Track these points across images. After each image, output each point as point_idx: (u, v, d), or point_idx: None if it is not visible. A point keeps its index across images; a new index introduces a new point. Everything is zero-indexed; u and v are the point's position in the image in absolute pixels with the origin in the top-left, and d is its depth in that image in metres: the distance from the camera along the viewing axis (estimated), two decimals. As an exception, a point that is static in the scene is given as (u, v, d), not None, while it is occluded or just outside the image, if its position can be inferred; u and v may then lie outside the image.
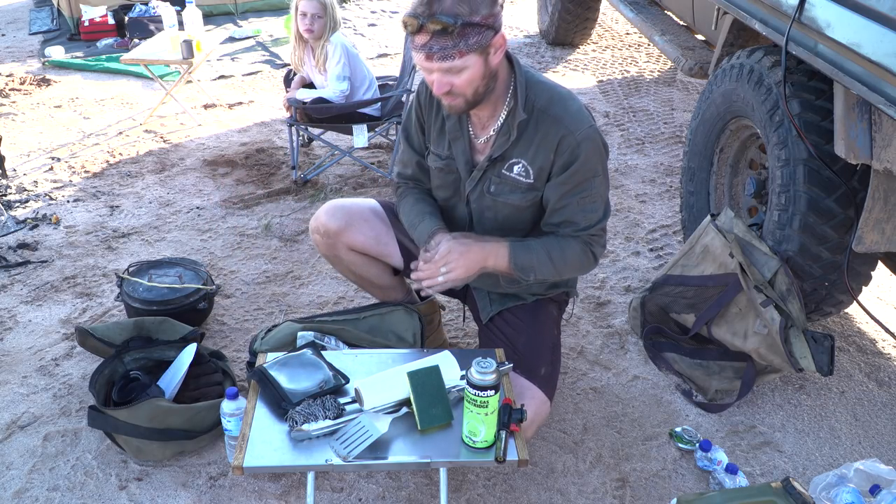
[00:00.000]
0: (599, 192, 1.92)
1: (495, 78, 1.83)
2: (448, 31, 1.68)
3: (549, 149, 1.87)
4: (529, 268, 1.92)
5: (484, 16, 1.69)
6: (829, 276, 2.29)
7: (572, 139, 1.84)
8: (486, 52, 1.74)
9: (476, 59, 1.74)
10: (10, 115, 4.72)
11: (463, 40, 1.69)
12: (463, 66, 1.73)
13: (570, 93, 1.92)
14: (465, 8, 1.68)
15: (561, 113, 1.85)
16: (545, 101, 1.87)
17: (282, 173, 3.95)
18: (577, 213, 1.91)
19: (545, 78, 1.95)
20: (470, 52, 1.71)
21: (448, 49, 1.70)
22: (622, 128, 4.49)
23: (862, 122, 2.00)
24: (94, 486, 2.08)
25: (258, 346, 2.18)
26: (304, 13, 3.48)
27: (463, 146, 1.98)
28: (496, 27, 1.73)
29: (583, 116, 1.87)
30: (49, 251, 3.25)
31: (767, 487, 1.82)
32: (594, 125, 1.88)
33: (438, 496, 1.76)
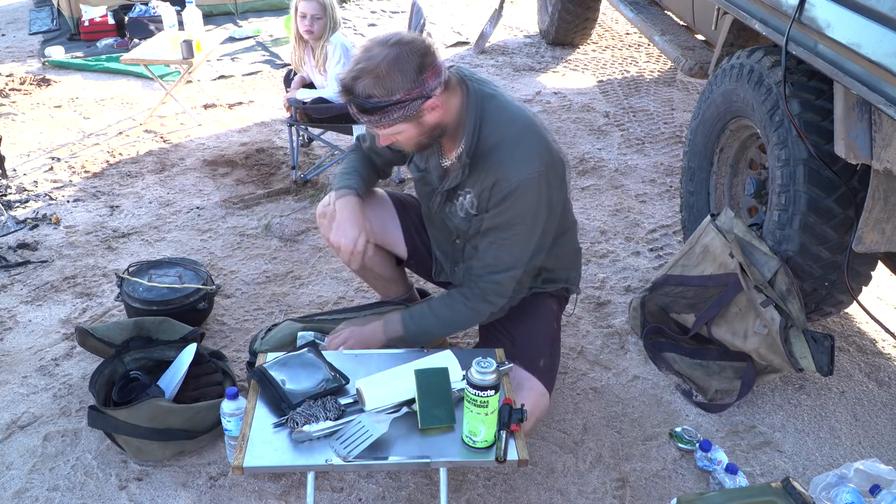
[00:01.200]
0: (519, 241, 1.91)
1: (440, 127, 1.86)
2: (367, 111, 1.74)
3: (487, 187, 1.89)
4: (422, 334, 2.03)
5: (405, 92, 1.72)
6: (829, 276, 2.29)
7: (506, 185, 1.84)
8: (416, 117, 1.78)
9: (406, 125, 1.79)
10: (10, 115, 4.72)
11: (385, 116, 1.75)
12: (395, 132, 1.80)
13: (525, 133, 1.87)
14: (380, 90, 1.71)
15: (504, 157, 1.85)
16: (493, 142, 1.86)
17: (282, 173, 3.95)
18: (491, 251, 1.93)
19: (507, 110, 1.90)
20: (396, 123, 1.77)
21: (375, 122, 1.77)
22: (622, 128, 4.49)
23: (862, 122, 2.00)
24: (94, 486, 2.08)
25: (258, 346, 2.18)
26: (304, 14, 3.48)
27: (436, 162, 2.02)
28: (424, 95, 1.74)
29: (525, 163, 1.84)
30: (49, 251, 3.25)
31: (767, 487, 1.82)
32: (536, 173, 1.84)
33: (438, 496, 1.76)
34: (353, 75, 1.73)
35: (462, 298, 1.99)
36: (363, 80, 1.71)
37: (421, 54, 1.73)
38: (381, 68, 1.70)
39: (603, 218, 3.51)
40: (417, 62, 1.72)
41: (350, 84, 1.73)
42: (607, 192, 3.74)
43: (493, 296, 1.97)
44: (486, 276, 1.95)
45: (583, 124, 4.54)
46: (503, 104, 1.90)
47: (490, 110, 1.88)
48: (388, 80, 1.70)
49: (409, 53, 1.71)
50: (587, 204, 3.63)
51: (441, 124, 1.85)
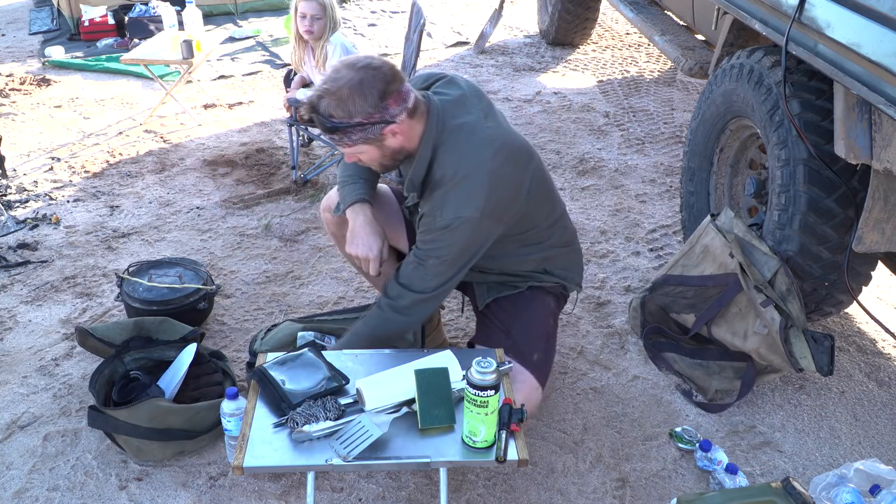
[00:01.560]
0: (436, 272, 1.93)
1: (403, 151, 1.89)
2: (330, 130, 1.78)
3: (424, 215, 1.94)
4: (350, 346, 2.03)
5: (364, 116, 1.75)
6: (829, 276, 2.29)
7: (433, 221, 1.88)
8: (377, 141, 1.82)
9: (367, 147, 1.83)
10: (10, 115, 4.72)
11: (345, 136, 1.79)
12: (357, 152, 1.85)
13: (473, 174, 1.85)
14: (341, 111, 1.75)
15: (438, 196, 1.87)
16: (440, 176, 1.88)
17: (282, 173, 3.95)
18: (410, 269, 1.95)
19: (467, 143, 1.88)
20: (356, 144, 1.81)
21: (336, 141, 1.82)
22: (622, 128, 4.49)
23: (862, 122, 2.00)
24: (94, 486, 2.08)
25: (258, 346, 2.18)
26: (304, 14, 3.48)
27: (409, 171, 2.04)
28: (386, 121, 1.78)
29: (461, 205, 1.84)
30: (49, 251, 3.25)
31: (767, 487, 1.82)
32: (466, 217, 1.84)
33: (438, 496, 1.76)
34: (318, 94, 1.78)
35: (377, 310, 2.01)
36: (325, 100, 1.76)
37: (386, 81, 1.76)
38: (344, 91, 1.75)
39: (603, 218, 3.51)
40: (381, 88, 1.76)
41: (315, 102, 1.79)
42: (607, 192, 3.74)
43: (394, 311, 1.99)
44: (395, 286, 1.98)
45: (583, 124, 4.54)
46: (463, 139, 1.88)
47: (446, 143, 1.88)
48: (348, 103, 1.75)
49: (374, 79, 1.75)
50: (587, 204, 3.63)
51: (403, 149, 1.89)
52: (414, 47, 3.59)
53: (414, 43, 3.60)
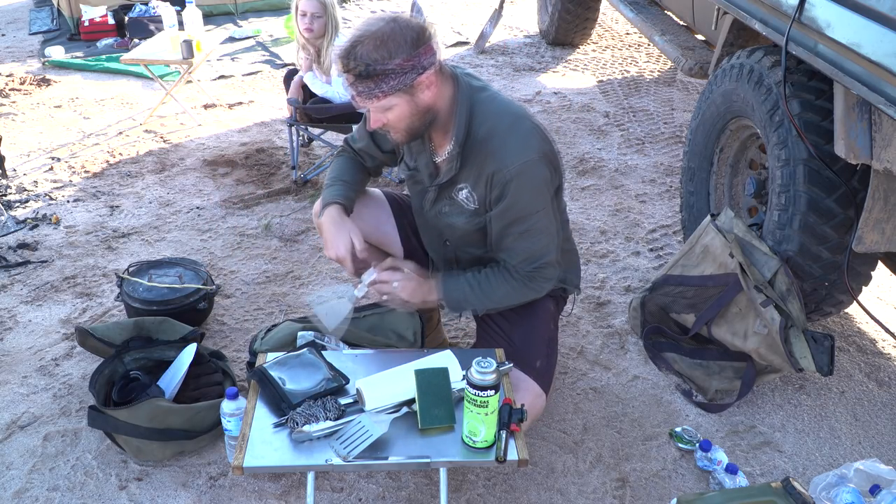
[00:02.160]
0: (541, 227, 1.92)
1: (433, 111, 1.86)
2: (366, 76, 1.74)
3: (484, 181, 1.89)
4: (461, 306, 2.00)
5: (402, 60, 1.74)
6: (829, 276, 2.29)
7: (501, 176, 1.85)
8: (410, 92, 1.79)
9: (400, 98, 1.79)
10: (10, 115, 4.72)
11: (382, 83, 1.76)
12: (388, 105, 1.80)
13: (517, 122, 1.88)
14: (380, 54, 1.73)
15: (497, 147, 1.85)
16: (485, 132, 1.87)
17: (282, 173, 3.95)
18: (519, 245, 1.93)
19: (497, 101, 1.91)
20: (391, 93, 1.77)
21: (370, 90, 1.77)
22: (622, 128, 4.49)
23: (862, 122, 2.00)
24: (94, 486, 2.08)
25: (258, 346, 2.18)
26: (304, 13, 3.47)
27: (426, 160, 2.02)
28: (420, 68, 1.76)
29: (519, 151, 1.84)
30: (49, 251, 3.25)
31: (767, 487, 1.82)
32: (532, 159, 1.84)
33: (438, 496, 1.76)
34: (353, 42, 1.75)
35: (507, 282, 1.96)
36: (363, 45, 1.74)
37: (418, 29, 1.76)
38: (380, 35, 1.73)
39: (603, 218, 3.51)
40: (415, 34, 1.75)
41: (348, 50, 1.75)
42: (607, 192, 3.74)
43: (539, 281, 1.97)
44: (525, 268, 1.94)
45: (583, 124, 4.54)
46: (493, 96, 1.93)
47: (480, 101, 1.89)
48: (387, 45, 1.73)
49: (407, 26, 1.75)
50: (587, 204, 3.63)
51: (433, 108, 1.85)
52: (414, 47, 3.58)
53: (414, 43, 3.59)
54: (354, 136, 2.22)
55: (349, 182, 2.14)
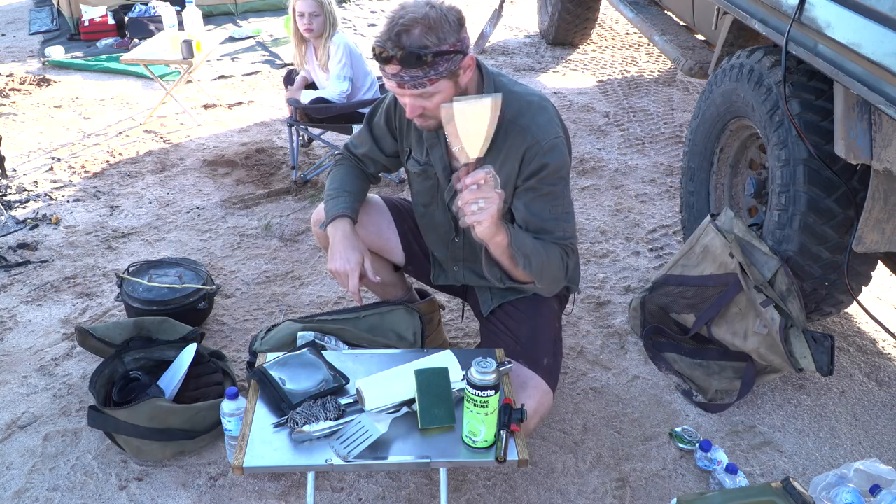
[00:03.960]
0: (568, 199, 1.94)
1: (465, 93, 1.84)
2: (418, 62, 1.69)
3: (515, 159, 1.88)
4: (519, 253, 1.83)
5: (452, 42, 1.72)
6: (829, 276, 2.29)
7: (538, 148, 1.84)
8: (455, 75, 1.77)
9: (446, 83, 1.77)
10: (10, 115, 4.72)
11: (433, 69, 1.72)
12: (435, 91, 1.77)
13: (542, 102, 1.91)
14: (433, 38, 1.69)
15: (528, 123, 1.86)
16: (514, 112, 1.87)
17: (282, 173, 3.95)
18: (550, 220, 1.91)
19: (518, 84, 1.95)
20: (440, 78, 1.75)
21: (419, 78, 1.72)
22: (622, 128, 4.49)
23: (862, 122, 2.00)
24: (94, 486, 2.08)
25: (258, 346, 2.18)
26: (302, 13, 3.48)
27: (440, 152, 2.00)
28: (464, 50, 1.76)
29: (550, 127, 1.87)
30: (49, 251, 3.25)
31: (767, 487, 1.82)
32: (561, 136, 1.89)
33: (438, 496, 1.76)
34: (403, 27, 1.68)
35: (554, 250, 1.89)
36: (415, 30, 1.68)
37: (457, 12, 1.75)
38: (431, 18, 1.69)
39: (603, 218, 3.51)
40: (456, 17, 1.74)
41: (400, 36, 1.68)
42: (607, 192, 3.74)
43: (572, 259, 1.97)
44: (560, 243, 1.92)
45: (583, 124, 4.54)
46: (513, 80, 1.97)
47: (504, 84, 1.92)
48: (437, 30, 1.69)
49: (448, 9, 1.73)
50: (587, 204, 3.63)
51: (467, 91, 1.84)
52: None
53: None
54: (355, 142, 2.20)
55: (354, 193, 2.12)
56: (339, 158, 2.23)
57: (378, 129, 2.12)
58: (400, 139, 2.09)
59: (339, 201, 2.09)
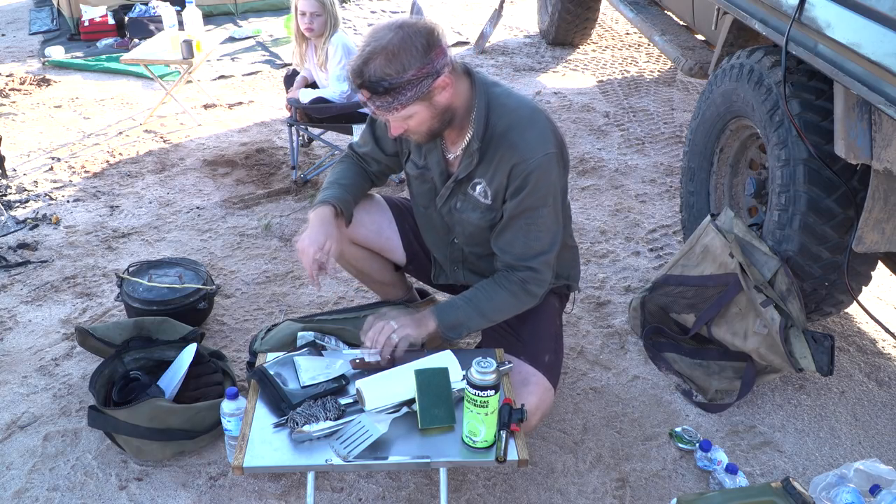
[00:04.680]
0: (546, 224, 1.92)
1: (451, 110, 1.85)
2: (382, 91, 1.73)
3: (503, 173, 1.89)
4: (458, 325, 1.94)
5: (417, 68, 1.73)
6: (829, 276, 2.29)
7: (524, 166, 1.85)
8: (428, 97, 1.78)
9: (419, 106, 1.78)
10: (10, 115, 4.72)
11: (399, 96, 1.74)
12: (408, 115, 1.79)
13: (534, 115, 1.90)
14: (393, 68, 1.71)
15: (517, 139, 1.86)
16: (504, 126, 1.87)
17: (282, 173, 3.95)
18: (520, 238, 1.92)
19: (512, 96, 1.93)
20: (409, 103, 1.76)
21: (388, 104, 1.76)
22: (622, 128, 4.49)
23: (862, 122, 2.00)
24: (94, 486, 2.08)
25: (258, 346, 2.18)
26: (304, 12, 3.48)
27: (437, 158, 2.01)
28: (435, 73, 1.75)
29: (540, 143, 1.85)
30: (49, 251, 3.25)
31: (767, 487, 1.82)
32: (551, 153, 1.86)
33: (438, 496, 1.76)
34: (364, 58, 1.72)
35: (501, 289, 1.94)
36: (375, 61, 1.71)
37: (426, 34, 1.74)
38: (392, 48, 1.71)
39: (603, 218, 3.51)
40: (424, 40, 1.73)
41: (361, 68, 1.73)
42: (607, 192, 3.74)
43: (532, 284, 1.95)
44: (520, 266, 1.93)
45: (583, 124, 4.54)
46: (507, 91, 1.95)
47: (496, 96, 1.90)
48: (399, 58, 1.71)
49: (415, 33, 1.73)
50: (587, 204, 3.63)
51: (451, 107, 1.85)
52: (414, 47, 3.58)
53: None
54: (358, 142, 2.21)
55: (346, 185, 2.13)
56: (342, 157, 2.24)
57: (380, 130, 2.12)
58: (399, 140, 2.09)
59: (328, 192, 2.11)
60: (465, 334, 1.97)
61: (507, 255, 1.95)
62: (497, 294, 1.95)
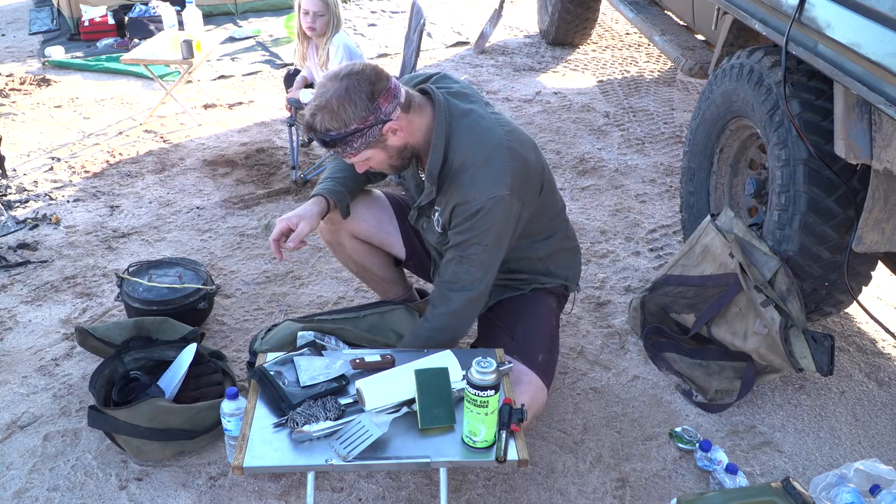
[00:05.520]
0: (479, 261, 1.93)
1: (408, 148, 1.90)
2: (331, 144, 1.81)
3: (449, 208, 1.93)
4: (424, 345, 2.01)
5: (361, 120, 1.78)
6: (829, 276, 2.29)
7: (466, 207, 1.88)
8: (380, 142, 1.83)
9: (372, 150, 1.85)
10: (10, 115, 4.72)
11: (348, 146, 1.82)
12: (364, 158, 1.87)
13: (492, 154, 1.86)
14: (335, 123, 1.78)
15: (466, 181, 1.87)
16: (459, 164, 1.89)
17: (282, 173, 3.95)
18: (450, 265, 1.97)
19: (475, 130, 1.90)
20: (361, 150, 1.83)
21: (342, 152, 1.84)
22: (622, 128, 4.49)
23: (862, 122, 2.00)
24: (94, 486, 2.08)
25: (258, 346, 2.18)
26: (307, 11, 3.48)
27: (413, 172, 2.07)
28: (381, 121, 1.79)
29: (489, 186, 1.85)
30: (49, 251, 3.25)
31: (767, 487, 1.82)
32: (499, 196, 1.85)
33: (438, 496, 1.76)
34: (311, 113, 1.81)
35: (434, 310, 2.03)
36: (318, 117, 1.79)
37: (371, 82, 1.78)
38: (333, 103, 1.77)
39: (603, 218, 3.51)
40: (368, 90, 1.77)
41: (310, 122, 1.82)
42: (607, 192, 3.74)
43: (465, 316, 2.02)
44: (446, 291, 1.99)
45: (583, 124, 4.54)
46: (474, 122, 1.90)
47: (459, 130, 1.89)
48: (341, 113, 1.77)
49: (359, 83, 1.77)
50: (587, 204, 3.63)
51: (408, 145, 1.89)
52: (414, 47, 3.59)
53: (414, 43, 3.60)
54: None
55: (339, 178, 2.18)
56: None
57: None
58: None
59: (322, 185, 2.18)
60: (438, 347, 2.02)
61: (439, 277, 2.02)
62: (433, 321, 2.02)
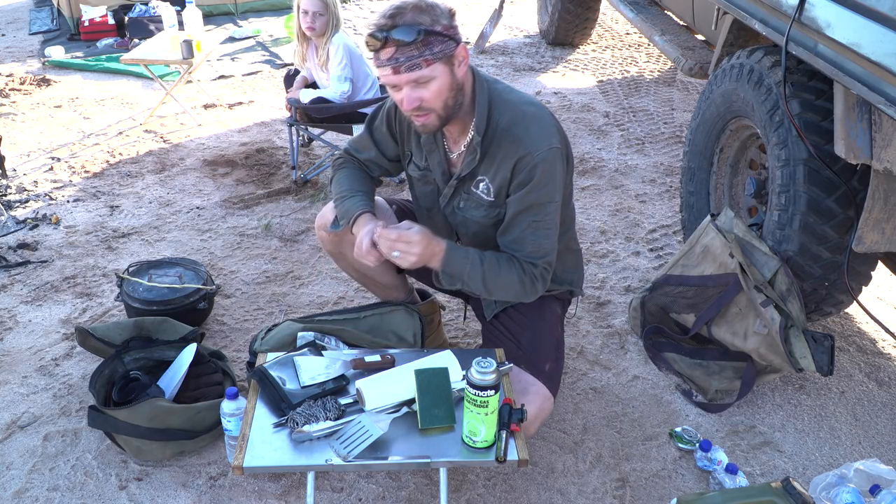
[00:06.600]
0: (551, 222, 1.90)
1: (463, 91, 1.84)
2: (413, 41, 1.71)
3: (507, 168, 1.87)
4: (456, 278, 1.87)
5: (445, 26, 1.74)
6: (829, 276, 2.29)
7: (529, 159, 1.83)
8: (451, 62, 1.78)
9: (443, 68, 1.76)
10: (10, 115, 4.72)
11: (428, 49, 1.73)
12: (431, 76, 1.76)
13: (538, 112, 1.89)
14: (426, 18, 1.72)
15: (521, 133, 1.85)
16: (507, 121, 1.86)
17: (282, 173, 3.95)
18: (527, 235, 1.89)
19: (514, 92, 1.93)
20: (436, 60, 1.75)
21: (415, 58, 1.72)
22: (622, 128, 4.49)
23: (862, 122, 2.00)
24: (94, 486, 2.08)
25: (258, 346, 2.17)
26: (306, 11, 3.48)
27: (439, 158, 2.00)
28: (457, 39, 1.78)
29: (545, 138, 1.84)
30: (49, 251, 3.25)
31: (767, 487, 1.82)
32: (556, 148, 1.84)
33: (438, 496, 1.76)
34: (393, 12, 1.71)
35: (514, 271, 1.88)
36: (407, 13, 1.71)
37: (447, 7, 1.77)
38: (420, 3, 1.72)
39: (603, 218, 3.51)
40: (446, 9, 1.76)
41: (389, 21, 1.70)
42: (607, 192, 3.74)
43: (540, 283, 1.92)
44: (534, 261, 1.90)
45: (583, 124, 4.54)
46: (509, 87, 1.95)
47: (499, 92, 1.91)
48: (429, 11, 1.72)
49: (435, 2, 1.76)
50: (587, 204, 3.63)
51: (464, 88, 1.84)
52: (414, 47, 3.58)
53: (414, 43, 3.59)
54: (356, 147, 2.18)
55: (367, 192, 2.09)
56: (342, 161, 2.19)
57: (379, 134, 2.11)
58: (401, 143, 2.08)
59: (357, 199, 2.04)
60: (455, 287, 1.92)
61: (518, 253, 1.91)
62: (510, 274, 1.89)
